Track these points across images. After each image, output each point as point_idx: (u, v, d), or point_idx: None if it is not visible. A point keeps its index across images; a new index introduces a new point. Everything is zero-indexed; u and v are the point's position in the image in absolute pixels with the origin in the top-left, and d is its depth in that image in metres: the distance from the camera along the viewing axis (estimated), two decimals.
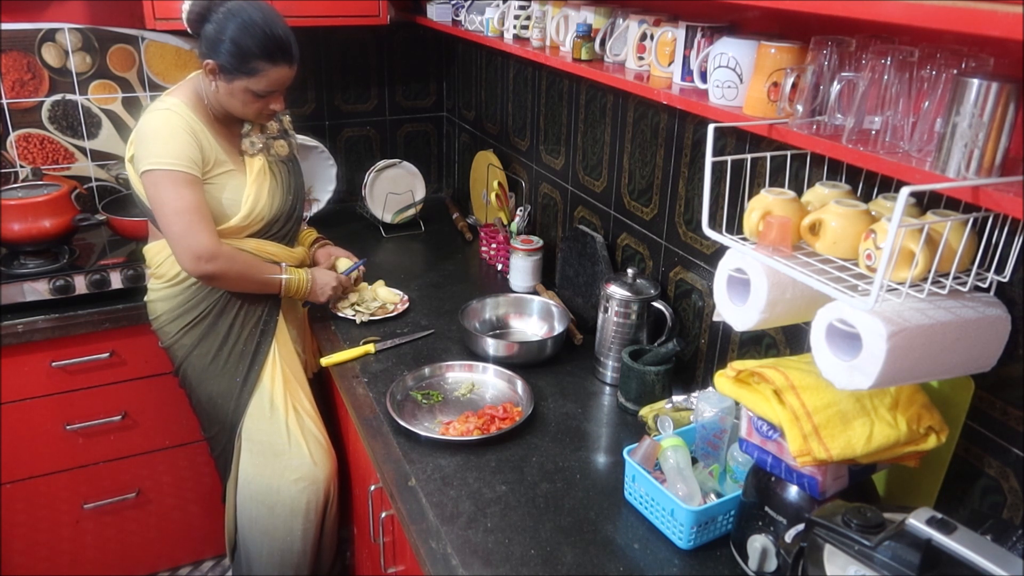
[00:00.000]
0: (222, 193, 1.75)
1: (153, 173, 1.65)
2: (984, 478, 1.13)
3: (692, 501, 1.27)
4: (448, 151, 3.01)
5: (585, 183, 2.07)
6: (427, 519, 1.34)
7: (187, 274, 1.75)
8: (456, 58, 2.79)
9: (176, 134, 1.66)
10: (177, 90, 1.76)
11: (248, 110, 1.75)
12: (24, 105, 2.32)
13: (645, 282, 1.73)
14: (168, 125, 1.67)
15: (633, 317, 1.70)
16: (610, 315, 1.72)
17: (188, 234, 1.65)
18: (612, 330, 1.72)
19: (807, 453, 1.07)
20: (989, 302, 1.03)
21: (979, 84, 0.85)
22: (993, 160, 0.87)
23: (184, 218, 1.65)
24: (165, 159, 1.64)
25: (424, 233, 2.67)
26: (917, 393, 1.11)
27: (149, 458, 2.25)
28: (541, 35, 1.85)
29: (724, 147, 1.51)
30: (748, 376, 1.18)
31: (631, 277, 1.73)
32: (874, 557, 0.87)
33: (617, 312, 1.70)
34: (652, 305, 1.70)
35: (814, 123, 1.09)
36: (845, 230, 1.02)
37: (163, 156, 1.64)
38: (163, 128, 1.67)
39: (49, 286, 1.99)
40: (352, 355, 1.84)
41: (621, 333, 1.72)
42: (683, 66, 1.40)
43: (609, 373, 1.76)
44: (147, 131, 1.67)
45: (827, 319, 0.98)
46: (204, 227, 1.66)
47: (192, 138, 1.68)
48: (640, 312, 1.70)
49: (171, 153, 1.65)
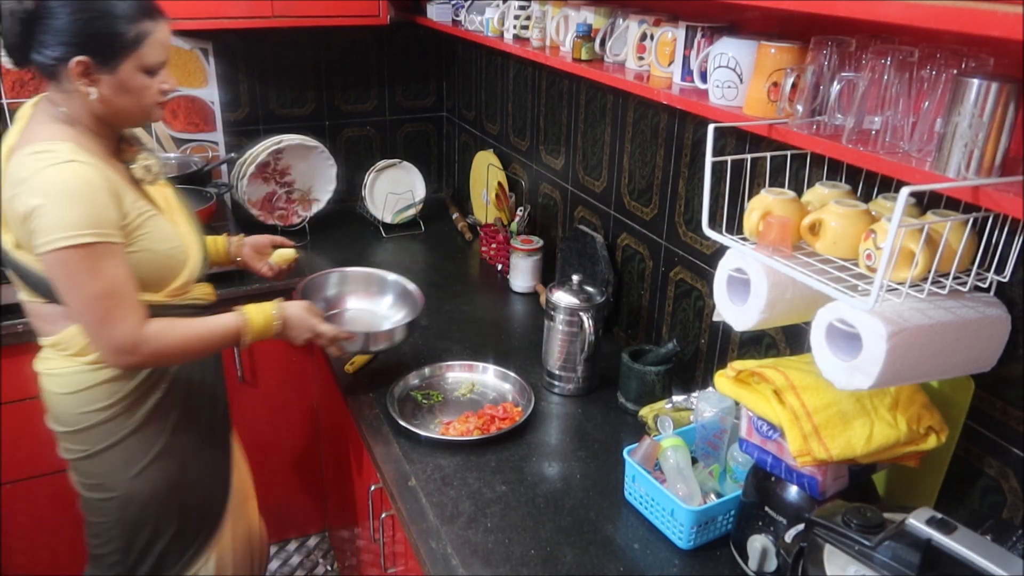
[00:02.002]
0: (159, 245, 1.40)
1: (62, 252, 1.25)
2: (984, 478, 1.13)
3: (692, 501, 1.27)
4: (448, 151, 3.02)
5: (585, 183, 2.07)
6: (427, 519, 1.34)
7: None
8: (456, 58, 2.79)
9: (87, 191, 1.26)
10: (41, 132, 1.32)
11: (146, 100, 1.37)
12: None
13: (593, 289, 1.69)
14: (73, 181, 1.26)
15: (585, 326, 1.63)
16: (556, 324, 1.67)
17: (106, 323, 1.31)
18: (559, 340, 1.67)
19: (807, 453, 1.08)
20: (989, 302, 1.03)
21: (979, 84, 0.85)
22: (993, 160, 0.87)
23: (102, 304, 1.30)
24: (78, 230, 1.25)
25: (424, 233, 2.67)
26: (917, 393, 1.11)
27: None
28: (541, 35, 1.85)
29: (724, 147, 1.51)
30: (748, 376, 1.18)
31: (576, 283, 1.68)
32: (874, 557, 0.87)
33: (563, 321, 1.66)
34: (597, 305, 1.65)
35: (814, 123, 1.09)
36: (845, 230, 1.02)
37: (73, 228, 1.25)
38: (66, 188, 1.25)
39: None
40: (366, 356, 1.83)
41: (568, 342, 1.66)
42: (683, 66, 1.40)
43: (560, 384, 1.71)
44: (44, 195, 1.24)
45: (827, 319, 0.98)
46: (125, 312, 1.32)
47: (109, 192, 1.30)
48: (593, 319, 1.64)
49: (82, 220, 1.25)
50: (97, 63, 1.29)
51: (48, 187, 1.25)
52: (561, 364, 1.69)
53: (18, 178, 1.27)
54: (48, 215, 1.25)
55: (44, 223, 1.25)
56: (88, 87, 1.31)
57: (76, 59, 1.27)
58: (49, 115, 1.35)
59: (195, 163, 2.46)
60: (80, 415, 1.46)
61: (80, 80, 1.29)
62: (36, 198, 1.25)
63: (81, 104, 1.33)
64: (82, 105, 1.34)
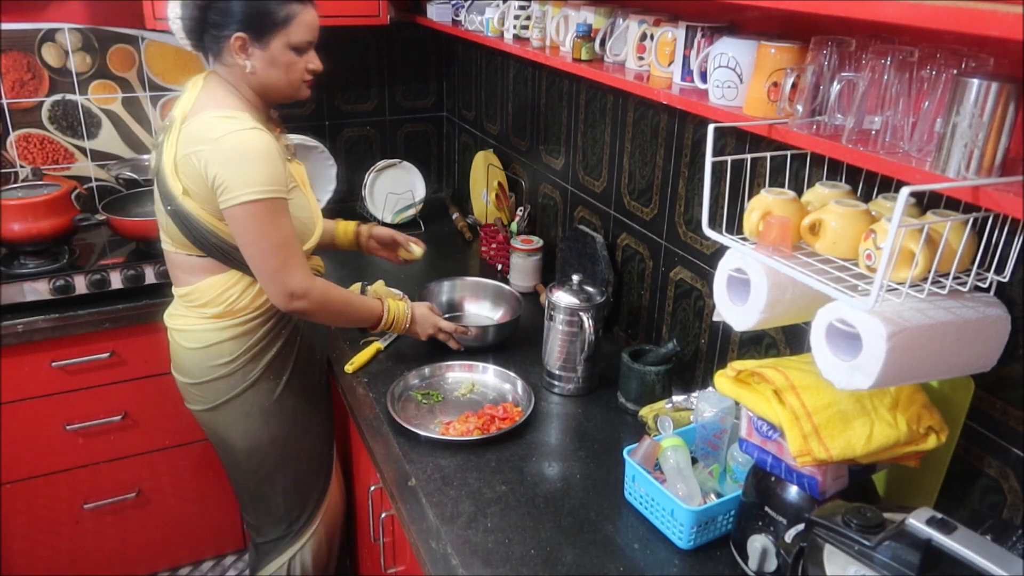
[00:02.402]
0: (299, 212, 1.58)
1: (251, 205, 1.43)
2: (984, 478, 1.13)
3: (692, 501, 1.27)
4: (448, 151, 3.01)
5: (585, 183, 2.07)
6: (427, 519, 1.34)
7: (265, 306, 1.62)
8: (456, 58, 2.79)
9: (269, 154, 1.46)
10: (215, 99, 1.51)
11: (293, 76, 1.55)
12: (24, 105, 2.32)
13: (593, 289, 1.69)
14: (260, 145, 1.45)
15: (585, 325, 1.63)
16: (556, 324, 1.67)
17: (284, 270, 1.49)
18: (559, 340, 1.67)
19: (807, 453, 1.07)
20: (989, 302, 1.03)
21: (979, 84, 0.85)
22: (993, 160, 0.87)
23: (282, 251, 1.48)
24: (265, 187, 1.44)
25: (424, 233, 2.67)
26: (917, 393, 1.11)
27: (149, 458, 2.25)
28: (541, 35, 1.85)
29: (724, 147, 1.51)
30: (748, 376, 1.18)
31: (576, 283, 1.68)
32: (874, 557, 0.87)
33: (563, 321, 1.66)
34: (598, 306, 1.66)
35: (814, 123, 1.09)
36: (845, 230, 1.02)
37: (262, 183, 1.44)
38: (254, 150, 1.44)
39: (49, 286, 1.99)
40: (368, 356, 1.84)
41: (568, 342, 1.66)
42: (683, 66, 1.40)
43: (560, 384, 1.71)
44: (238, 156, 1.43)
45: (827, 319, 0.98)
46: (298, 260, 1.51)
47: (281, 158, 1.50)
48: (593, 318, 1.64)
49: (268, 179, 1.44)
50: (252, 38, 1.49)
51: (238, 147, 1.44)
52: (561, 364, 1.69)
53: (204, 137, 1.45)
54: (238, 173, 1.43)
55: (234, 180, 1.43)
56: (245, 60, 1.50)
57: (236, 35, 1.48)
58: (221, 87, 1.54)
59: None
60: (206, 368, 1.65)
61: (239, 55, 1.50)
62: (225, 157, 1.43)
63: (240, 77, 1.53)
64: (241, 78, 1.54)
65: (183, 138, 1.48)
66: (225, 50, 1.51)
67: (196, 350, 1.64)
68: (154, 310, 2.07)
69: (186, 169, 1.48)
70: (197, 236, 1.54)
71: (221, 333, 1.61)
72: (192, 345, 1.64)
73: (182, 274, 1.62)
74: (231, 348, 1.63)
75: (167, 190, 1.52)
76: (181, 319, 1.65)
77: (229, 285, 1.59)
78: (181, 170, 1.49)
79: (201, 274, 1.59)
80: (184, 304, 1.64)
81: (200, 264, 1.59)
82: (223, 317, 1.60)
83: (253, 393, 1.68)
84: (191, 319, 1.63)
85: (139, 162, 2.45)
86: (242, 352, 1.64)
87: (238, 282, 1.59)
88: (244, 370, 1.65)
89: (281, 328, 1.68)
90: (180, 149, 1.48)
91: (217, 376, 1.65)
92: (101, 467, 2.20)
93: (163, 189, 1.53)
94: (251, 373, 1.66)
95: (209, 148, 1.44)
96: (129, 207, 2.20)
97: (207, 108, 1.49)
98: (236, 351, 1.63)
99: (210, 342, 1.62)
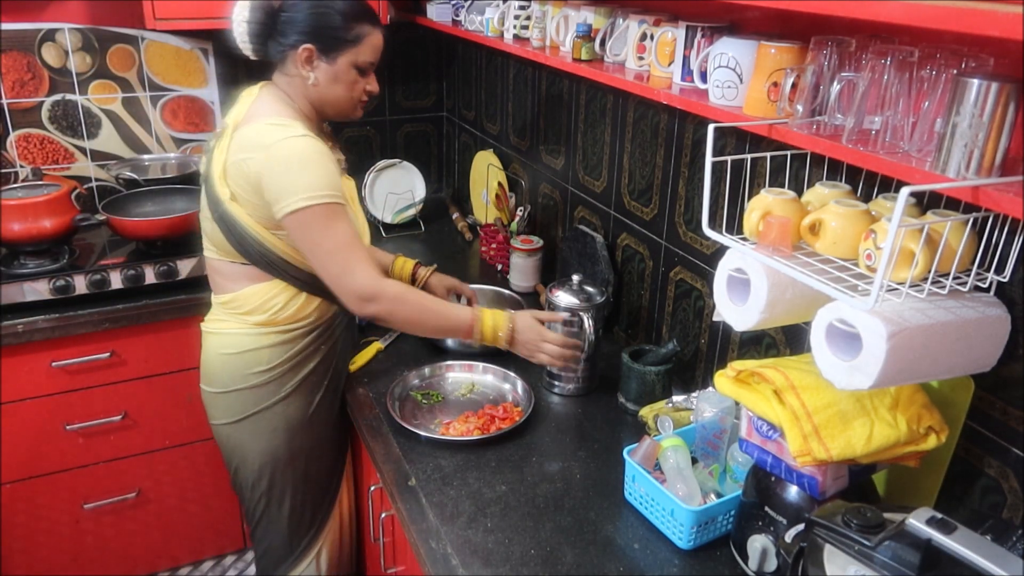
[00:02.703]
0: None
1: (304, 211, 1.41)
2: (984, 478, 1.13)
3: (692, 501, 1.27)
4: (448, 151, 3.01)
5: (585, 183, 2.07)
6: (427, 519, 1.34)
7: (310, 317, 1.61)
8: (456, 58, 2.79)
9: (321, 160, 1.44)
10: (268, 108, 1.51)
11: (353, 95, 1.57)
12: (24, 105, 2.32)
13: (593, 289, 1.69)
14: (311, 151, 1.44)
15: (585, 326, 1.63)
16: (556, 324, 1.66)
17: (347, 271, 1.45)
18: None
19: (807, 453, 1.07)
20: (989, 302, 1.03)
21: (979, 84, 0.85)
22: (993, 160, 0.87)
23: (343, 254, 1.44)
24: (318, 192, 1.41)
25: (424, 233, 2.67)
26: (917, 393, 1.11)
27: (149, 458, 2.25)
28: (541, 35, 1.85)
29: (724, 147, 1.51)
30: (748, 376, 1.18)
31: (576, 283, 1.68)
32: (874, 557, 0.87)
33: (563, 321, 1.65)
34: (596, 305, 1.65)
35: (814, 123, 1.09)
36: (845, 230, 1.02)
37: (315, 189, 1.41)
38: (306, 156, 1.43)
39: (49, 286, 1.99)
40: (369, 355, 1.83)
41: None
42: (683, 66, 1.40)
43: (560, 384, 1.71)
44: (290, 163, 1.42)
45: (827, 319, 0.98)
46: (362, 261, 1.45)
47: (332, 160, 1.48)
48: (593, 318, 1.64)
49: (322, 184, 1.42)
50: (320, 51, 1.50)
51: (290, 154, 1.42)
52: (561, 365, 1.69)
53: (256, 144, 1.44)
54: (292, 180, 1.41)
55: (288, 187, 1.41)
56: (309, 72, 1.52)
57: (304, 46, 1.49)
58: (276, 97, 1.55)
59: (195, 163, 2.46)
60: (240, 375, 1.60)
61: (304, 66, 1.51)
62: (278, 164, 1.42)
63: (300, 88, 1.55)
64: (301, 89, 1.55)
65: (234, 145, 1.48)
66: (290, 59, 1.52)
67: (232, 355, 1.60)
68: (154, 310, 2.07)
69: (236, 175, 1.47)
70: (242, 243, 1.52)
71: (261, 339, 1.58)
72: (229, 350, 1.60)
73: (224, 281, 1.60)
74: (269, 356, 1.59)
75: (215, 196, 1.51)
76: (220, 323, 1.62)
77: (274, 294, 1.56)
78: (230, 176, 1.48)
79: (244, 281, 1.57)
80: (225, 310, 1.61)
81: (243, 271, 1.56)
82: (266, 325, 1.58)
83: (284, 407, 1.64)
84: (231, 323, 1.60)
85: (139, 162, 2.45)
86: (281, 362, 1.60)
87: (282, 291, 1.56)
88: (279, 381, 1.62)
89: (321, 343, 1.65)
90: (231, 156, 1.47)
91: (250, 385, 1.61)
92: (101, 467, 2.20)
93: (211, 195, 1.52)
94: (285, 386, 1.63)
95: (261, 155, 1.43)
96: (129, 207, 2.20)
97: (260, 116, 1.49)
98: (274, 360, 1.60)
99: (248, 347, 1.59)
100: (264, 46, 1.54)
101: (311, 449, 1.72)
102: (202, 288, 2.11)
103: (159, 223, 2.09)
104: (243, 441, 1.67)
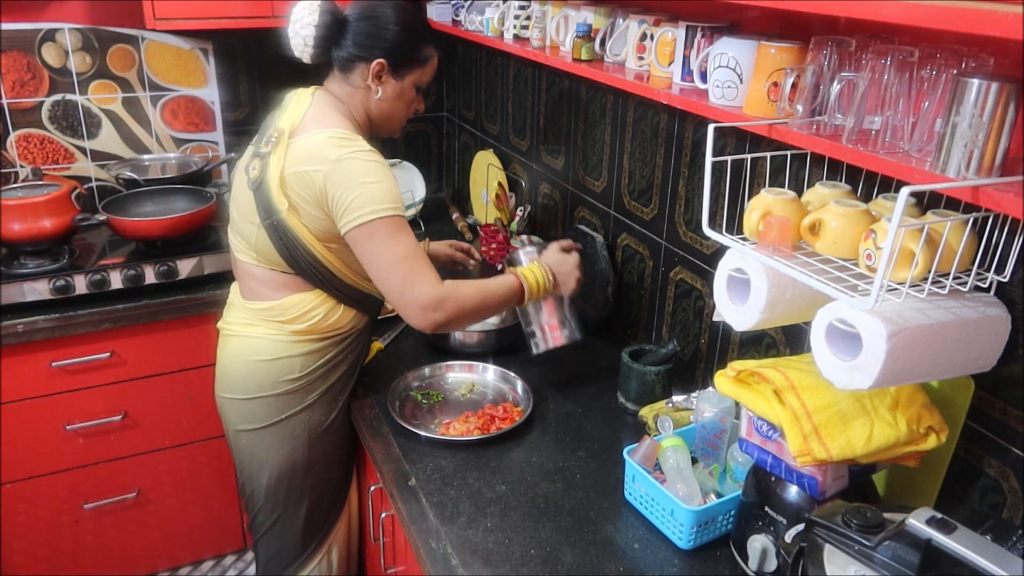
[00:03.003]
0: None
1: (370, 224, 1.42)
2: (984, 478, 1.13)
3: (692, 501, 1.27)
4: (448, 151, 3.01)
5: (585, 183, 2.07)
6: (427, 519, 1.34)
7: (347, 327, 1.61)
8: (456, 58, 2.79)
9: (387, 174, 1.46)
10: (327, 118, 1.50)
11: (407, 113, 1.63)
12: (24, 105, 2.32)
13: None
14: (379, 167, 1.45)
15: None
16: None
17: (409, 282, 1.43)
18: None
19: (807, 453, 1.07)
20: (989, 302, 1.03)
21: (979, 84, 0.85)
22: (993, 160, 0.87)
23: (406, 265, 1.43)
24: (381, 205, 1.42)
25: (424, 233, 2.67)
26: (917, 393, 1.11)
27: (149, 458, 2.25)
28: (541, 35, 1.85)
29: (724, 147, 1.51)
30: (748, 376, 1.18)
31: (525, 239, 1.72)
32: (874, 557, 0.87)
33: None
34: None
35: (814, 123, 1.09)
36: (845, 230, 1.02)
37: (381, 202, 1.42)
38: (375, 171, 1.44)
39: (49, 286, 1.99)
40: (369, 355, 1.83)
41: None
42: (683, 66, 1.40)
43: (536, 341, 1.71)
44: (357, 177, 1.42)
45: (827, 319, 0.98)
46: (424, 271, 1.45)
47: (393, 175, 1.48)
48: None
49: (387, 197, 1.43)
50: (391, 68, 1.53)
51: (360, 169, 1.43)
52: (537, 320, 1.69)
53: (322, 157, 1.43)
54: (361, 193, 1.41)
55: (357, 200, 1.41)
56: (377, 86, 1.54)
57: (378, 60, 1.51)
58: (333, 107, 1.54)
59: (195, 163, 2.46)
60: (270, 382, 1.58)
61: (373, 79, 1.53)
62: (344, 179, 1.42)
63: (362, 100, 1.56)
64: (362, 101, 1.57)
65: (293, 154, 1.46)
66: (357, 71, 1.53)
67: (265, 362, 1.58)
68: (154, 310, 2.07)
69: (297, 186, 1.45)
70: (292, 254, 1.50)
71: (295, 347, 1.57)
72: (261, 357, 1.58)
73: (262, 288, 1.58)
74: (303, 363, 1.58)
75: (269, 204, 1.48)
76: (250, 327, 1.59)
77: (316, 304, 1.55)
78: (290, 186, 1.46)
79: (285, 290, 1.56)
80: (260, 316, 1.58)
81: (285, 280, 1.55)
82: (304, 333, 1.57)
83: (307, 415, 1.63)
84: (263, 328, 1.58)
85: (139, 162, 2.45)
86: (312, 369, 1.60)
87: (324, 302, 1.56)
88: (307, 389, 1.61)
89: (348, 352, 1.65)
90: (290, 166, 1.46)
91: (278, 392, 1.59)
92: (101, 467, 2.20)
93: (264, 203, 1.49)
94: (312, 394, 1.62)
95: (326, 168, 1.42)
96: (129, 207, 2.20)
97: (320, 126, 1.47)
98: (307, 367, 1.59)
99: (283, 354, 1.57)
100: (327, 52, 1.53)
101: (330, 455, 1.71)
102: (202, 288, 2.12)
103: (159, 223, 2.09)
104: (263, 449, 1.64)
